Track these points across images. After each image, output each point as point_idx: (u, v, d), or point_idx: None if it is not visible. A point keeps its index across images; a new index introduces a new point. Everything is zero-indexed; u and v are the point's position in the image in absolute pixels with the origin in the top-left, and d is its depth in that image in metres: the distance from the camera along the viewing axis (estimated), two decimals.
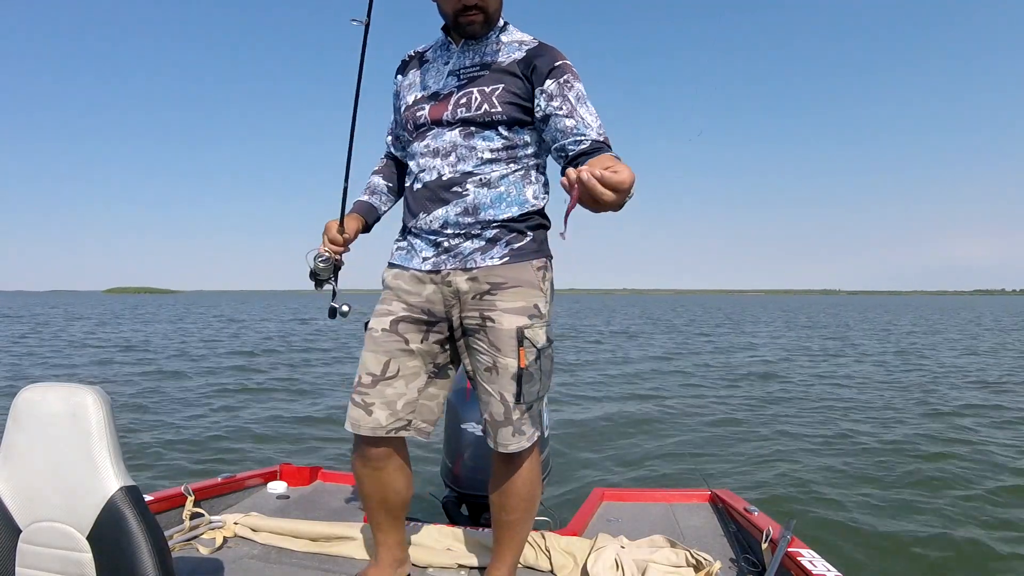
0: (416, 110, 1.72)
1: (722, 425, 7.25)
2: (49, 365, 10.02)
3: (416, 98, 1.74)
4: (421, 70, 1.77)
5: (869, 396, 9.50)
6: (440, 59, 1.74)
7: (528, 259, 1.67)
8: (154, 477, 4.69)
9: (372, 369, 1.69)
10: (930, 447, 6.34)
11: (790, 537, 2.08)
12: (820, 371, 12.50)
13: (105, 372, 9.46)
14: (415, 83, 1.77)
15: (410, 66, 1.81)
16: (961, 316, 40.94)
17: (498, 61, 1.64)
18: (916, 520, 4.24)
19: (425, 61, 1.78)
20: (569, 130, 1.58)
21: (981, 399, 9.24)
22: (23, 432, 1.32)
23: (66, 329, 17.47)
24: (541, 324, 1.67)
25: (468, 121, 1.63)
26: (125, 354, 11.53)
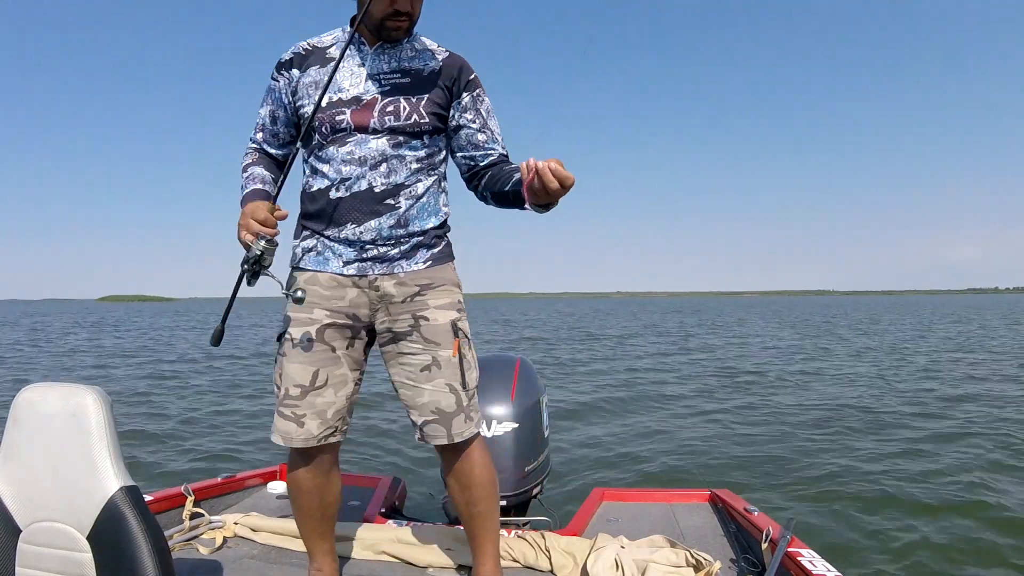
0: (335, 113, 1.63)
1: (722, 425, 7.25)
2: (48, 367, 10.03)
3: (332, 100, 1.64)
4: (327, 69, 1.65)
5: (868, 397, 9.51)
6: (352, 59, 1.67)
7: (446, 261, 1.78)
8: (154, 477, 4.69)
9: (300, 380, 1.66)
10: (929, 447, 6.35)
11: (790, 537, 2.08)
12: (818, 371, 12.51)
13: (105, 372, 9.46)
14: (323, 83, 1.62)
15: (308, 62, 1.67)
16: (953, 315, 40.93)
17: (417, 69, 1.68)
18: (916, 520, 4.24)
19: (329, 59, 1.67)
20: (480, 143, 1.75)
21: (978, 394, 9.24)
22: (23, 432, 1.32)
23: (64, 337, 17.47)
24: (465, 317, 1.79)
25: (396, 130, 1.65)
26: (124, 356, 11.53)
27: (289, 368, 1.67)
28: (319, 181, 1.68)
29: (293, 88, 1.69)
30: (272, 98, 1.74)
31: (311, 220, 1.71)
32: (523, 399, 2.70)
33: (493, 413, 2.63)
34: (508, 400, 2.66)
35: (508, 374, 2.77)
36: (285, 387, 1.67)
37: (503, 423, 2.62)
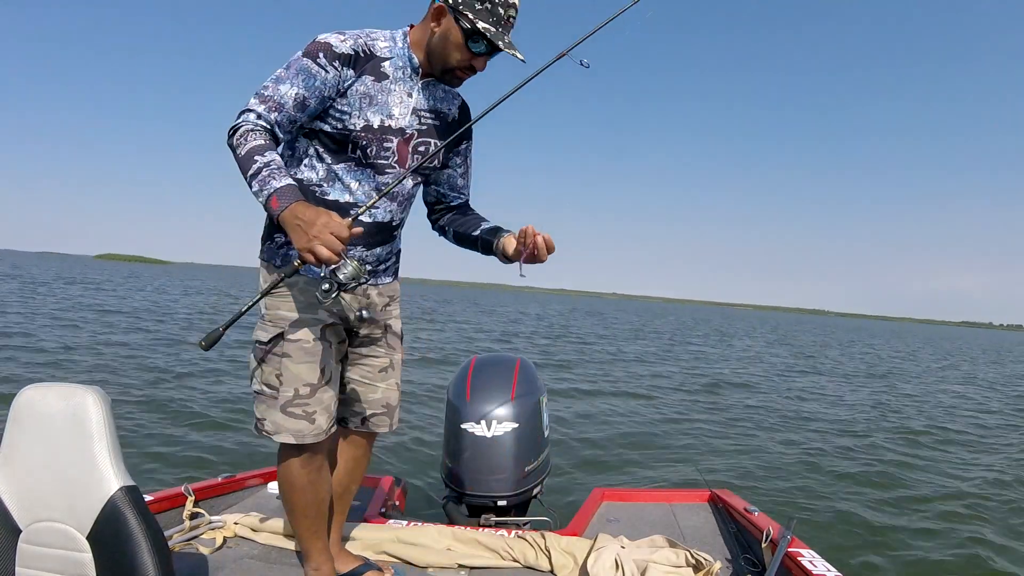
0: (384, 140, 1.65)
1: (722, 426, 7.25)
2: (47, 360, 10.04)
3: (384, 124, 1.64)
4: (382, 86, 1.64)
5: (867, 403, 9.51)
6: (402, 84, 1.66)
7: (398, 275, 1.93)
8: (154, 477, 4.69)
9: (309, 379, 1.69)
10: (928, 452, 6.35)
11: (790, 537, 2.08)
12: (818, 379, 12.51)
13: (105, 372, 9.47)
14: (376, 100, 1.63)
15: (365, 68, 1.62)
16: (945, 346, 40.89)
17: (444, 112, 1.76)
18: (916, 520, 4.24)
19: (384, 75, 1.64)
20: (458, 187, 1.90)
21: (972, 410, 9.24)
22: (23, 432, 1.32)
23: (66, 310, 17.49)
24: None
25: (419, 171, 1.75)
26: (123, 352, 11.53)
27: (296, 368, 1.68)
28: (339, 193, 1.67)
29: (342, 89, 1.60)
30: (309, 84, 1.56)
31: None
32: (523, 399, 2.70)
33: (493, 413, 2.63)
34: (508, 400, 2.66)
35: (508, 374, 2.76)
36: (293, 387, 1.68)
37: (503, 423, 2.62)
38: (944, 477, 5.30)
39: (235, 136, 1.52)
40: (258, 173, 1.47)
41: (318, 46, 1.57)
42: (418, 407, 7.07)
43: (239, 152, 1.50)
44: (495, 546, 2.21)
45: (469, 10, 1.56)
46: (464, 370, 2.82)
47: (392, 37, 1.68)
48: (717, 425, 7.28)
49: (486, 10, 1.56)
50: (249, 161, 1.48)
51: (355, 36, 1.62)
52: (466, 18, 1.56)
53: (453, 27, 1.59)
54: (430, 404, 7.38)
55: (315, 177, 1.67)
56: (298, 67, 1.56)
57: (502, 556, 2.19)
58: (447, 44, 1.61)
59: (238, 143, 1.51)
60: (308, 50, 1.58)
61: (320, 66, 1.56)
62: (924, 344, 28.89)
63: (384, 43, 1.65)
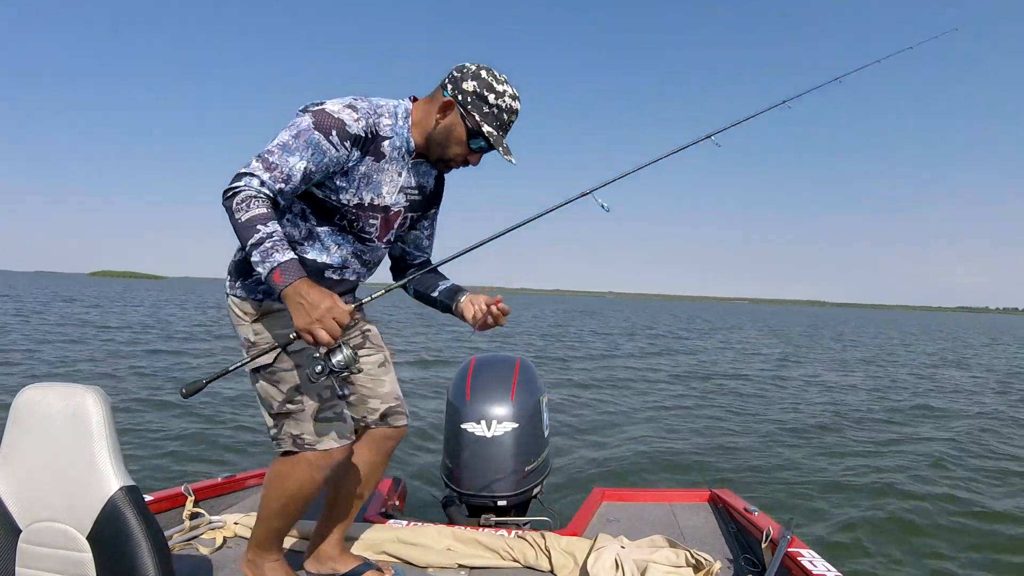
0: (369, 216, 1.71)
1: (722, 425, 7.25)
2: (49, 361, 10.04)
3: (372, 202, 1.69)
4: (379, 166, 1.67)
5: (866, 400, 9.51)
6: (396, 164, 1.71)
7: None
8: (154, 477, 4.69)
9: (325, 382, 1.72)
10: (928, 449, 6.35)
11: (790, 537, 2.08)
12: (816, 377, 12.51)
13: (104, 371, 9.47)
14: (372, 180, 1.67)
15: (370, 149, 1.64)
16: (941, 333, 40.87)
17: (423, 186, 1.82)
18: (916, 520, 4.24)
19: (382, 155, 1.67)
20: (423, 247, 1.98)
21: (972, 405, 9.25)
22: (23, 432, 1.32)
23: (65, 322, 17.54)
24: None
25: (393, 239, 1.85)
26: (124, 350, 11.54)
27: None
28: (317, 253, 1.72)
29: (345, 167, 1.62)
30: (318, 160, 1.57)
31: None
32: (523, 399, 2.70)
33: (493, 413, 2.63)
34: (508, 400, 2.66)
35: (508, 374, 2.76)
36: (315, 393, 1.69)
37: (503, 423, 2.62)
38: (944, 477, 5.30)
39: (235, 200, 1.49)
40: (260, 244, 1.46)
41: (332, 122, 1.56)
42: (418, 407, 7.07)
43: (238, 217, 1.48)
44: (495, 546, 2.22)
45: (476, 112, 1.63)
46: (464, 370, 2.82)
47: (395, 113, 1.68)
48: (717, 424, 7.28)
49: (492, 114, 1.63)
50: (251, 230, 1.47)
51: (366, 114, 1.61)
52: (472, 118, 1.63)
53: (459, 123, 1.65)
54: (430, 404, 7.39)
55: (296, 234, 1.70)
56: (308, 140, 1.55)
57: (502, 556, 2.19)
58: (450, 138, 1.67)
59: (238, 208, 1.48)
60: (320, 123, 1.55)
61: (332, 144, 1.57)
62: (920, 331, 28.85)
63: (388, 121, 1.66)
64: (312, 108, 1.58)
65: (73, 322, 17.32)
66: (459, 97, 1.63)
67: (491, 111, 1.63)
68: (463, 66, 1.66)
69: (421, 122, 1.69)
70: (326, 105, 1.58)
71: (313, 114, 1.57)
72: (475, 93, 1.62)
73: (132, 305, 29.29)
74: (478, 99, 1.63)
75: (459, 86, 1.63)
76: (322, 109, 1.57)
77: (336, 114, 1.57)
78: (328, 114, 1.56)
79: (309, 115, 1.57)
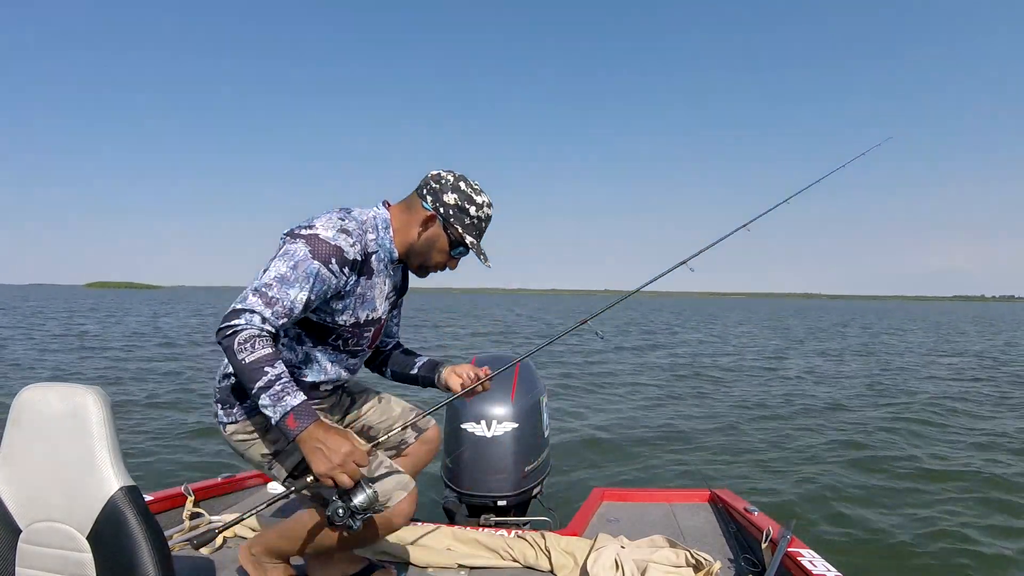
0: (364, 330, 1.74)
1: (722, 425, 7.25)
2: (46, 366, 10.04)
3: (367, 318, 1.72)
4: (371, 283, 1.69)
5: (865, 398, 9.52)
6: (383, 275, 1.74)
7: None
8: (154, 477, 4.69)
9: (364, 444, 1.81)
10: (928, 449, 6.35)
11: (790, 537, 2.08)
12: (814, 373, 12.52)
13: (103, 371, 9.46)
14: (366, 298, 1.69)
15: (363, 269, 1.65)
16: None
17: (396, 284, 1.86)
18: (916, 520, 4.24)
19: (372, 271, 1.68)
20: (394, 333, 2.06)
21: (977, 400, 9.25)
22: (23, 432, 1.32)
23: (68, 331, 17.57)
24: None
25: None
26: (123, 352, 11.54)
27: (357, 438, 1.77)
28: (315, 374, 1.73)
29: (344, 291, 1.62)
30: (318, 288, 1.54)
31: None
32: (523, 399, 2.70)
33: (493, 413, 2.63)
34: (508, 400, 2.66)
35: (508, 374, 2.76)
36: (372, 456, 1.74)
37: (503, 423, 2.62)
38: (945, 477, 5.29)
39: (236, 339, 1.43)
40: (269, 387, 1.43)
41: (329, 250, 1.53)
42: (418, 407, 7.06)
43: (242, 358, 1.43)
44: (495, 546, 2.22)
45: (459, 224, 1.69)
46: None
47: (376, 226, 1.69)
48: (717, 424, 7.28)
49: (472, 224, 1.71)
50: (258, 372, 1.42)
51: (358, 236, 1.60)
52: (455, 230, 1.70)
53: (441, 235, 1.71)
54: (430, 404, 7.38)
55: (293, 359, 1.70)
56: (308, 271, 1.51)
57: (502, 556, 2.19)
58: (432, 248, 1.72)
59: (241, 348, 1.43)
60: (317, 251, 1.52)
61: (332, 272, 1.55)
62: (916, 322, 28.78)
63: (372, 235, 1.67)
64: (304, 234, 1.54)
65: (72, 331, 17.33)
66: (441, 210, 1.68)
67: (472, 222, 1.70)
68: (439, 176, 1.70)
69: (401, 231, 1.71)
70: (318, 230, 1.54)
71: (307, 241, 1.53)
72: (456, 206, 1.68)
73: (132, 315, 29.32)
74: (460, 211, 1.68)
75: (440, 199, 1.68)
76: (315, 235, 1.53)
77: (332, 241, 1.54)
78: (324, 241, 1.53)
79: (303, 243, 1.52)
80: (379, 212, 1.71)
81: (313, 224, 1.56)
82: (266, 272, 1.51)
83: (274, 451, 1.69)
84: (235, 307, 1.48)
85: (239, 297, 1.51)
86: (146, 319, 22.19)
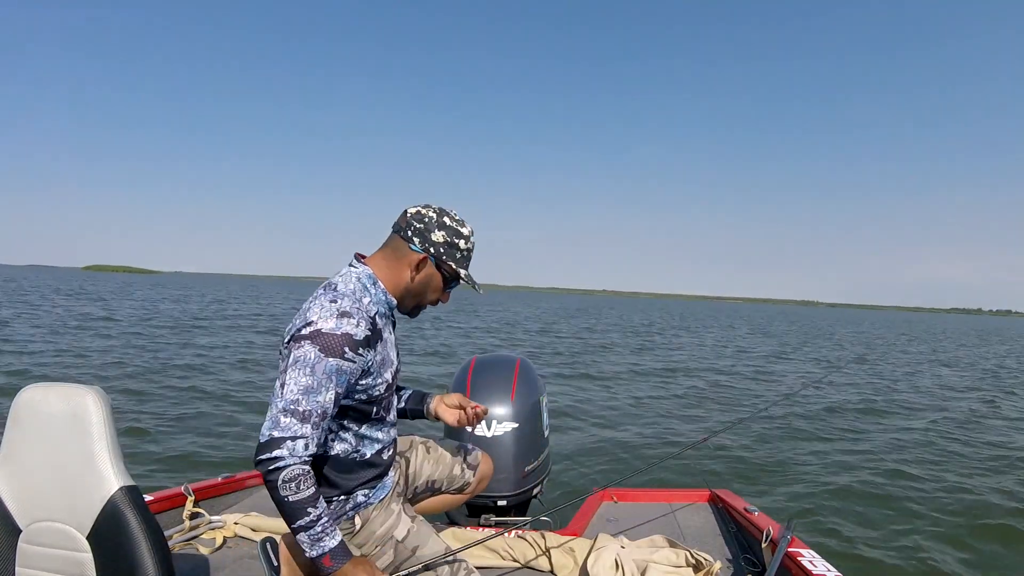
0: (392, 386, 1.74)
1: (722, 425, 7.25)
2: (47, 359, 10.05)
3: (392, 375, 1.73)
4: (384, 341, 1.68)
5: (865, 399, 9.51)
6: (388, 328, 1.73)
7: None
8: (154, 477, 4.69)
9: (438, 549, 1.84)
10: (927, 450, 6.35)
11: (790, 537, 2.07)
12: (815, 375, 12.50)
13: (103, 371, 9.47)
14: (385, 358, 1.68)
15: (373, 339, 1.61)
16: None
17: (393, 322, 1.83)
18: (916, 521, 4.24)
19: (380, 333, 1.65)
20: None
21: (977, 405, 9.24)
22: (23, 432, 1.32)
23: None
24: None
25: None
26: (123, 352, 11.54)
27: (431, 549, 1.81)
28: (371, 448, 1.73)
29: (366, 368, 1.60)
30: (342, 381, 1.52)
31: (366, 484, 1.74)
32: (523, 399, 2.69)
33: (493, 413, 2.62)
34: (508, 400, 2.66)
35: (508, 374, 2.76)
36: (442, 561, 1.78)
37: (503, 423, 2.62)
38: (945, 475, 5.30)
39: (280, 476, 1.43)
40: (310, 528, 1.47)
41: (339, 342, 1.50)
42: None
43: (286, 496, 1.44)
44: (495, 546, 2.22)
45: (451, 260, 1.69)
46: (464, 370, 2.82)
47: (365, 287, 1.65)
48: (717, 424, 7.28)
49: (463, 257, 1.71)
50: (301, 512, 1.46)
51: (359, 312, 1.55)
52: (449, 267, 1.70)
53: (436, 274, 1.70)
54: None
55: (348, 448, 1.68)
56: (327, 370, 1.48)
57: (502, 556, 2.19)
58: (428, 288, 1.72)
59: (285, 487, 1.44)
60: (329, 347, 1.49)
61: (350, 361, 1.52)
62: (913, 332, 28.73)
63: (367, 299, 1.63)
64: (307, 334, 1.49)
65: (75, 318, 17.33)
66: (431, 250, 1.66)
67: (463, 255, 1.71)
68: (420, 215, 1.66)
69: (391, 278, 1.68)
70: (319, 325, 1.49)
71: (313, 341, 1.48)
72: (447, 243, 1.67)
73: (132, 299, 29.32)
74: (450, 248, 1.68)
75: (428, 238, 1.65)
76: (319, 332, 1.49)
77: (338, 331, 1.50)
78: (329, 335, 1.49)
79: (310, 344, 1.48)
80: (359, 271, 1.66)
81: (311, 320, 1.50)
82: (286, 388, 1.47)
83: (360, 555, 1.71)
84: (272, 435, 1.44)
85: (270, 421, 1.46)
86: (149, 304, 22.21)
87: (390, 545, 1.75)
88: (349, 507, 1.72)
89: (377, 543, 1.75)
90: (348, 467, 1.67)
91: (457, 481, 2.10)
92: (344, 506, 1.72)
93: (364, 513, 1.74)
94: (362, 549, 1.74)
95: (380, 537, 1.75)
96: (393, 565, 1.75)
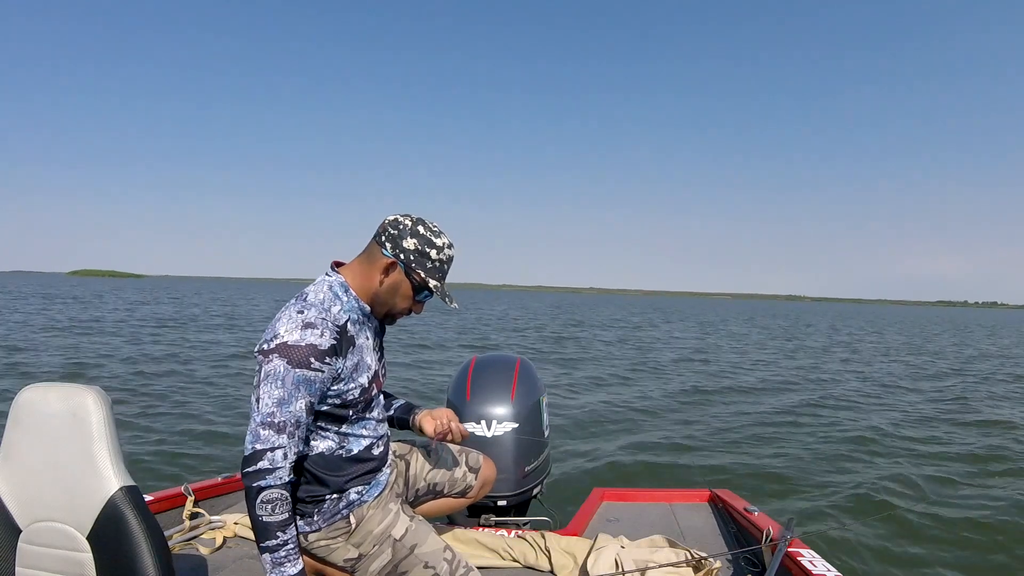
0: (371, 391, 1.75)
1: (722, 425, 7.25)
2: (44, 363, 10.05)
3: (369, 379, 1.73)
4: (358, 347, 1.69)
5: (865, 400, 9.51)
6: (364, 333, 1.73)
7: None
8: (154, 477, 4.70)
9: (437, 545, 1.85)
10: (927, 448, 6.35)
11: (790, 537, 2.07)
12: (815, 374, 12.51)
13: (103, 371, 9.47)
14: (360, 364, 1.69)
15: (343, 346, 1.63)
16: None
17: (377, 328, 1.83)
18: (915, 520, 4.24)
19: (353, 339, 1.67)
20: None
21: (979, 399, 9.24)
22: (23, 432, 1.32)
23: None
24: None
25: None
26: (123, 352, 11.55)
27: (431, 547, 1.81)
28: (358, 443, 1.75)
29: (336, 375, 1.62)
30: (312, 390, 1.56)
31: (356, 479, 1.75)
32: (523, 399, 2.69)
33: (493, 413, 2.62)
34: (508, 400, 2.66)
35: (508, 374, 2.76)
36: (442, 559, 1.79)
37: (503, 423, 2.62)
38: (945, 476, 5.30)
39: (260, 495, 1.50)
40: (276, 550, 1.52)
41: (303, 352, 1.53)
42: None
43: (260, 515, 1.50)
44: (495, 546, 2.22)
45: (421, 268, 1.68)
46: (464, 370, 2.82)
47: (336, 295, 1.66)
48: (717, 424, 7.28)
49: (434, 268, 1.70)
50: (270, 533, 1.51)
51: (323, 322, 1.57)
52: (417, 275, 1.68)
53: (404, 281, 1.69)
54: (430, 404, 7.39)
55: (333, 446, 1.70)
56: (295, 381, 1.52)
57: (502, 556, 2.19)
58: (396, 295, 1.71)
59: (262, 506, 1.50)
60: (294, 359, 1.52)
61: (316, 370, 1.55)
62: (902, 326, 28.68)
63: (336, 307, 1.64)
64: (273, 347, 1.52)
65: (64, 322, 17.35)
66: (401, 256, 1.66)
67: (434, 265, 1.69)
68: (396, 222, 1.68)
69: (363, 283, 1.70)
70: (284, 338, 1.52)
71: (279, 353, 1.51)
72: (417, 251, 1.67)
73: (122, 304, 29.35)
74: (421, 256, 1.67)
75: (399, 244, 1.66)
76: (284, 344, 1.52)
77: (302, 342, 1.52)
78: (294, 347, 1.52)
79: (276, 357, 1.51)
80: (332, 279, 1.68)
81: (277, 333, 1.53)
82: (261, 402, 1.52)
83: (358, 555, 1.74)
84: (255, 448, 1.51)
85: (251, 434, 1.53)
86: (137, 308, 22.22)
87: (388, 544, 1.74)
88: (343, 505, 1.72)
89: (375, 542, 1.74)
90: (336, 464, 1.69)
91: (459, 484, 2.10)
92: (337, 505, 1.72)
93: (359, 512, 1.74)
94: (359, 548, 1.73)
95: (377, 536, 1.75)
96: (392, 564, 1.74)
